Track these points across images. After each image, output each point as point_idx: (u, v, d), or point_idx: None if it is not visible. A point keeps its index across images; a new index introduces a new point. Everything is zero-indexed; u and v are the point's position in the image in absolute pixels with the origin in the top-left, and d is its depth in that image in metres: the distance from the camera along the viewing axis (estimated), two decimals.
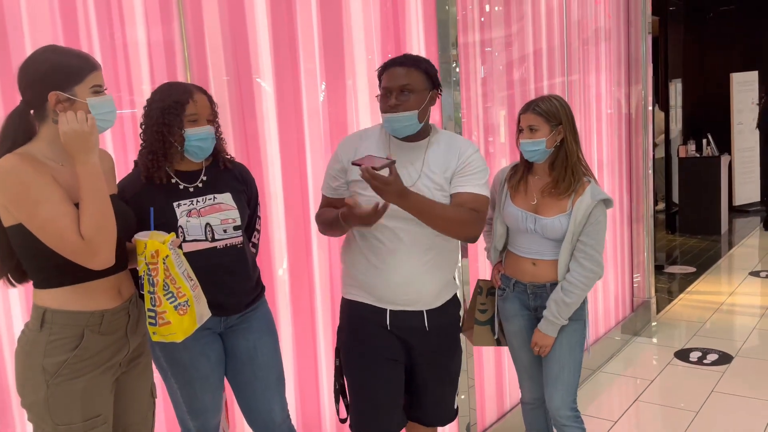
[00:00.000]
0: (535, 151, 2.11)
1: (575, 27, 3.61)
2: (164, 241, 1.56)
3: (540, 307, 2.18)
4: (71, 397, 1.51)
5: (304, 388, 2.58)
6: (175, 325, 1.58)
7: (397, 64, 1.79)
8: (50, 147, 1.52)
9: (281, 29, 2.36)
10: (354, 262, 1.92)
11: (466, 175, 1.83)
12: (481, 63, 2.83)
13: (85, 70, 1.50)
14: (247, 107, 2.37)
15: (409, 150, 1.86)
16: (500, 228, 2.25)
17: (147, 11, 2.24)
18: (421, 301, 1.89)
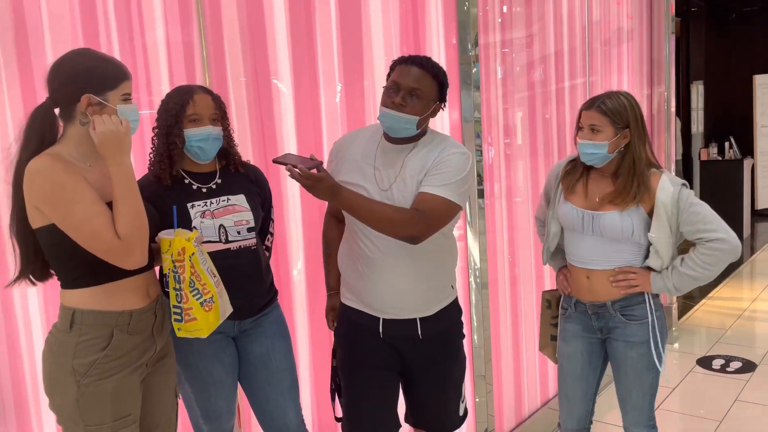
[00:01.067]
0: (593, 155, 1.91)
1: (596, 28, 3.56)
2: (189, 239, 1.58)
3: (605, 328, 2.01)
4: (101, 398, 1.51)
5: (319, 393, 2.56)
6: (201, 321, 1.61)
7: (415, 63, 1.71)
8: (77, 148, 1.54)
9: (300, 30, 2.35)
10: (345, 268, 1.89)
11: (432, 174, 1.70)
12: (500, 64, 2.80)
13: (119, 78, 1.55)
14: (265, 108, 2.36)
15: (394, 152, 1.78)
16: (554, 227, 2.06)
17: (166, 13, 2.24)
18: (410, 309, 1.81)
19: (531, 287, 3.06)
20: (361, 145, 1.83)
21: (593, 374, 2.11)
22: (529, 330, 3.03)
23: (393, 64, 1.77)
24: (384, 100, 1.72)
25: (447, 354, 1.91)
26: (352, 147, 1.84)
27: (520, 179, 2.97)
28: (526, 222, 2.98)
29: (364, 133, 1.89)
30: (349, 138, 1.90)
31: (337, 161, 1.83)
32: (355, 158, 1.81)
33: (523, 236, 2.97)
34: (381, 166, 1.77)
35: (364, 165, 1.79)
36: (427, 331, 1.84)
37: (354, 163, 1.80)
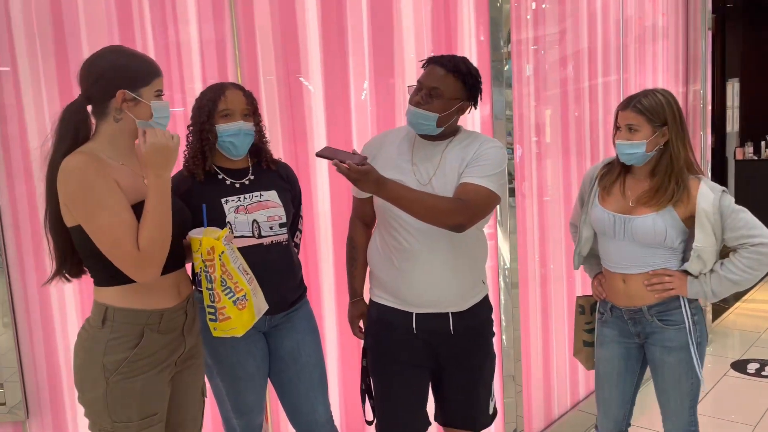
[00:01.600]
0: (632, 155, 1.88)
1: (630, 24, 3.50)
2: (218, 237, 1.57)
3: (642, 333, 1.97)
4: (129, 395, 1.52)
5: (347, 390, 2.56)
6: (235, 320, 1.60)
7: (438, 63, 1.76)
8: (111, 145, 1.55)
9: (331, 28, 2.35)
10: (377, 264, 1.89)
11: (472, 165, 1.75)
12: (532, 60, 2.76)
13: (152, 75, 1.55)
14: (296, 106, 2.36)
15: (431, 148, 1.82)
16: (586, 231, 2.03)
17: (200, 10, 2.26)
18: (445, 303, 1.83)
19: (562, 288, 3.02)
20: (395, 143, 1.86)
21: (630, 379, 2.07)
22: (560, 331, 2.99)
23: (423, 65, 1.82)
24: (410, 98, 1.79)
25: (478, 349, 1.91)
26: (384, 146, 1.86)
27: (552, 178, 2.93)
28: (557, 221, 2.94)
29: (395, 133, 1.91)
30: (379, 138, 1.93)
31: (371, 158, 1.83)
32: (390, 156, 1.83)
33: (554, 236, 2.93)
34: (419, 162, 1.80)
35: (400, 161, 1.81)
36: (459, 326, 1.84)
37: (389, 160, 1.82)
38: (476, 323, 1.90)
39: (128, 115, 1.53)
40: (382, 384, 1.92)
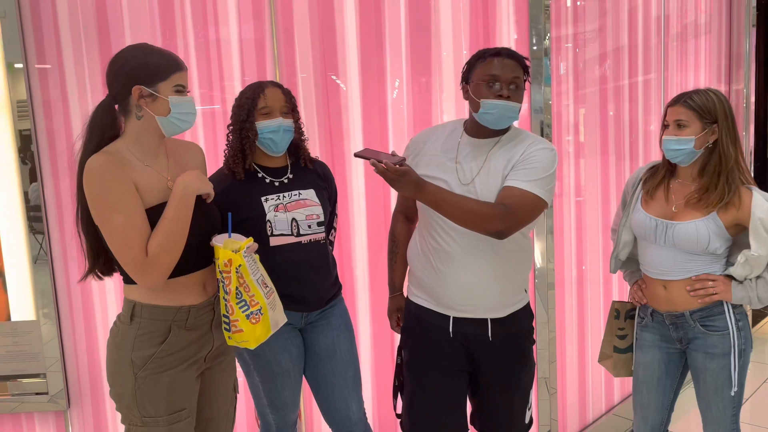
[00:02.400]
0: (679, 151, 1.82)
1: (670, 21, 3.42)
2: (239, 248, 1.53)
3: (684, 338, 1.93)
4: (157, 391, 1.53)
5: (380, 388, 2.56)
6: (247, 333, 1.57)
7: (508, 56, 1.70)
8: (137, 144, 1.55)
9: (369, 26, 2.35)
10: (416, 264, 1.86)
11: (519, 168, 1.67)
12: (568, 58, 2.72)
13: (170, 69, 1.52)
14: (333, 105, 2.37)
15: (477, 147, 1.76)
16: (625, 235, 1.99)
17: (240, 10, 2.28)
18: (483, 309, 1.78)
19: (598, 291, 2.97)
20: (440, 140, 1.81)
21: (670, 384, 2.03)
22: (595, 334, 2.94)
23: (478, 57, 1.74)
24: (482, 93, 1.68)
25: (516, 359, 1.86)
26: (430, 142, 1.82)
27: (589, 179, 2.88)
28: (594, 223, 2.90)
29: (442, 129, 1.87)
30: (426, 134, 1.89)
31: (414, 156, 1.82)
32: (434, 153, 1.79)
33: (591, 238, 2.89)
34: (462, 160, 1.75)
35: (444, 159, 1.77)
36: (498, 333, 1.80)
37: (433, 158, 1.78)
38: (515, 331, 1.84)
39: (148, 112, 1.52)
40: (415, 383, 1.89)
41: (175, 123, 1.54)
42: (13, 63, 2.29)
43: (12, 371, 2.45)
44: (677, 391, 2.07)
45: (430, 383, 1.85)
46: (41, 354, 2.44)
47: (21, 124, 2.33)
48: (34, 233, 2.40)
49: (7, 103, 2.33)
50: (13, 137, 2.34)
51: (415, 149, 1.83)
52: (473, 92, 1.71)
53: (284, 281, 1.80)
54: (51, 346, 2.44)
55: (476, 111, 1.71)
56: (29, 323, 2.44)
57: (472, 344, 1.81)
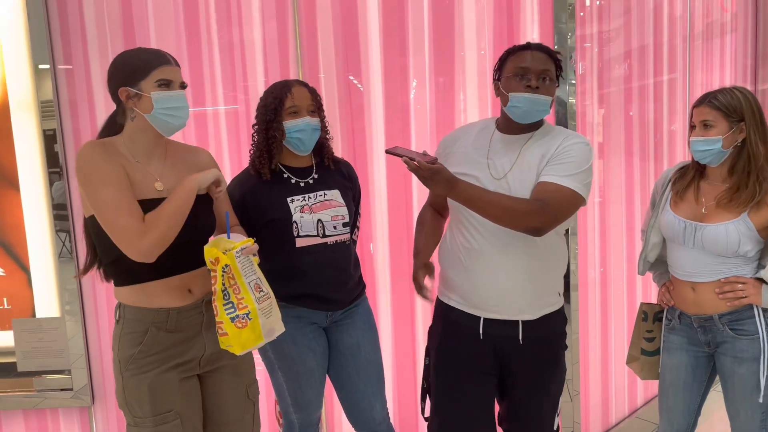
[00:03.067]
0: (707, 152, 1.80)
1: (694, 19, 3.37)
2: (232, 249, 1.47)
3: (712, 342, 1.89)
4: (140, 391, 1.54)
5: (402, 388, 2.56)
6: (232, 338, 1.47)
7: (538, 49, 1.68)
8: (132, 143, 1.55)
9: (392, 26, 2.35)
10: (446, 263, 1.83)
11: (554, 163, 1.63)
12: (589, 58, 2.69)
13: (150, 65, 1.49)
14: (356, 105, 2.37)
15: (509, 143, 1.73)
16: (654, 237, 1.96)
17: (264, 10, 2.29)
18: (514, 310, 1.74)
19: (622, 293, 2.94)
20: (471, 137, 1.79)
21: (697, 388, 1.99)
22: (619, 336, 2.91)
23: (506, 54, 1.72)
24: (512, 86, 1.66)
25: (546, 363, 1.82)
26: (461, 140, 1.80)
27: (613, 180, 2.85)
28: (618, 223, 2.87)
29: (474, 127, 1.85)
30: (458, 132, 1.87)
31: (445, 154, 1.79)
32: (465, 150, 1.77)
33: (615, 239, 2.86)
34: (494, 156, 1.71)
35: (475, 155, 1.74)
36: (528, 336, 1.76)
37: (464, 155, 1.76)
38: (546, 335, 1.79)
39: (138, 112, 1.51)
40: (444, 385, 1.87)
41: (161, 119, 1.51)
42: (39, 64, 2.32)
43: (37, 367, 2.49)
44: (704, 395, 2.04)
45: (459, 385, 1.82)
46: (66, 350, 2.47)
47: (46, 124, 2.36)
48: (59, 231, 2.43)
49: (33, 104, 2.36)
50: (38, 137, 2.38)
51: (445, 148, 1.82)
52: (503, 87, 1.69)
53: (310, 281, 1.80)
54: (75, 343, 2.47)
55: (505, 105, 1.69)
56: (54, 320, 2.47)
57: (502, 346, 1.78)
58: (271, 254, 1.81)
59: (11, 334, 2.48)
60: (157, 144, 1.58)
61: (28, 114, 2.37)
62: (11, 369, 2.50)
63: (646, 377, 2.14)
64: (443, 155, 1.80)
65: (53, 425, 2.60)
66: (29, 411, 2.58)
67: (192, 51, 2.31)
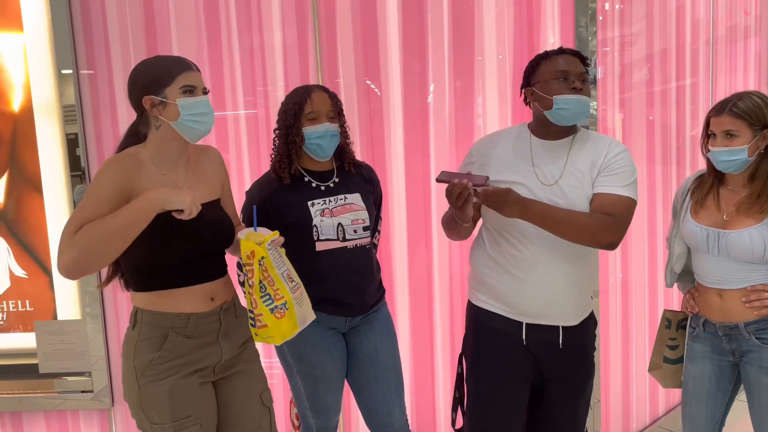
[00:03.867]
0: (732, 162, 1.77)
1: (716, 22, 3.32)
2: (263, 241, 1.49)
3: (737, 351, 1.86)
4: (159, 398, 1.51)
5: (420, 394, 2.55)
6: (272, 328, 1.51)
7: (572, 53, 1.72)
8: (159, 153, 1.53)
9: (411, 31, 2.35)
10: (486, 270, 1.80)
11: (610, 174, 1.68)
12: (618, 60, 2.67)
13: (174, 72, 1.48)
14: (374, 109, 2.37)
15: (553, 148, 1.73)
16: (678, 247, 1.96)
17: (284, 15, 2.30)
18: (558, 316, 1.75)
19: (644, 300, 2.90)
20: (509, 144, 1.78)
21: (721, 398, 1.96)
22: (640, 343, 2.87)
23: (536, 60, 1.74)
24: (555, 90, 1.67)
25: (582, 367, 1.83)
26: (498, 147, 1.79)
27: None
28: (639, 230, 2.83)
29: (507, 133, 1.84)
30: (491, 139, 1.85)
31: (483, 163, 1.77)
32: (506, 157, 1.75)
33: (637, 245, 2.82)
34: (540, 163, 1.71)
35: (518, 163, 1.73)
36: (568, 341, 1.77)
37: (506, 162, 1.74)
38: (583, 339, 1.82)
39: (163, 120, 1.49)
40: (481, 391, 1.84)
41: (188, 126, 1.50)
42: (62, 69, 2.36)
43: (58, 369, 2.51)
44: (729, 405, 2.00)
45: (498, 391, 1.81)
46: (86, 352, 2.49)
47: (68, 128, 2.39)
48: None
49: (56, 108, 2.39)
50: (61, 141, 2.41)
51: (482, 155, 1.79)
52: (543, 91, 1.68)
53: (329, 286, 1.80)
54: (96, 345, 2.49)
55: (549, 109, 1.68)
56: (75, 322, 2.49)
57: (543, 352, 1.77)
58: (291, 258, 1.81)
59: (33, 336, 2.51)
60: (183, 152, 1.57)
61: (51, 118, 2.41)
62: (33, 370, 2.53)
63: (668, 385, 2.10)
64: (479, 163, 1.78)
65: (73, 427, 2.62)
66: (50, 412, 2.60)
67: (213, 56, 2.33)
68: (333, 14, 2.31)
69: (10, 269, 2.51)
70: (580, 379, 1.83)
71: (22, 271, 2.51)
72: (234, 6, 2.31)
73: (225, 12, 2.30)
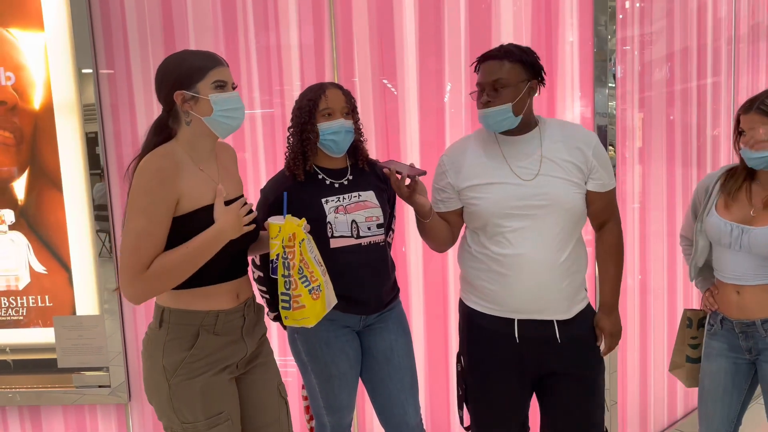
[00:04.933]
0: (762, 159, 1.76)
1: (740, 21, 3.27)
2: (299, 224, 1.55)
3: (754, 348, 1.85)
4: (191, 396, 1.51)
5: (434, 393, 2.54)
6: (309, 309, 1.57)
7: (490, 57, 1.70)
8: (192, 148, 1.52)
9: (428, 29, 2.34)
10: (474, 272, 1.81)
11: (599, 170, 1.74)
12: (638, 59, 2.64)
13: (206, 67, 1.48)
14: (390, 107, 2.37)
15: (522, 144, 1.74)
16: (702, 240, 1.94)
17: (300, 14, 2.31)
18: (551, 310, 1.74)
19: (662, 300, 2.86)
20: (479, 147, 1.79)
21: (737, 396, 1.93)
22: (658, 345, 2.83)
23: (474, 69, 1.76)
24: (477, 104, 1.72)
25: (588, 360, 1.81)
26: (469, 152, 1.79)
27: (653, 185, 2.78)
28: (658, 230, 2.80)
29: (474, 138, 1.83)
30: (461, 145, 1.85)
31: (457, 170, 1.78)
32: (479, 160, 1.76)
33: (655, 246, 2.79)
34: (514, 159, 1.72)
35: (492, 163, 1.74)
36: (565, 335, 1.76)
37: (480, 166, 1.75)
38: (583, 332, 1.80)
39: (195, 115, 1.49)
40: (479, 391, 1.85)
41: (220, 121, 1.50)
42: (82, 68, 2.39)
43: (77, 364, 2.55)
44: (745, 404, 1.97)
45: (493, 391, 1.81)
46: (104, 348, 2.52)
47: (88, 127, 2.42)
48: (99, 231, 2.49)
49: (76, 107, 2.43)
50: (81, 139, 2.44)
51: (454, 162, 1.80)
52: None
53: (344, 283, 1.80)
54: (113, 341, 2.52)
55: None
56: (93, 317, 2.53)
57: (540, 348, 1.77)
58: None
59: (52, 330, 2.54)
60: (213, 148, 1.58)
61: (71, 117, 2.44)
62: (52, 365, 2.56)
63: (691, 385, 2.08)
64: (452, 171, 1.79)
65: (91, 421, 2.66)
66: (68, 407, 2.64)
67: (230, 55, 2.34)
68: (349, 13, 2.31)
69: (30, 265, 2.55)
70: (589, 375, 1.81)
71: (42, 267, 2.55)
72: (251, 5, 2.32)
73: (242, 11, 2.32)
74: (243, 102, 1.56)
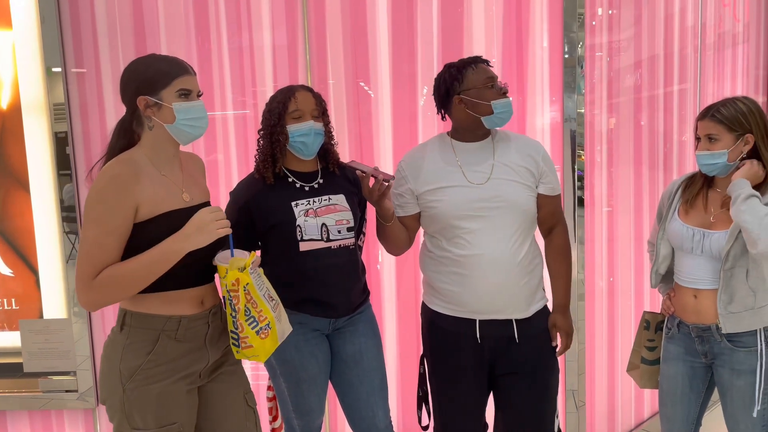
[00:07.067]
0: (713, 165, 1.81)
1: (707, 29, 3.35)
2: (245, 266, 1.50)
3: (710, 353, 1.88)
4: (145, 403, 1.49)
5: (405, 396, 2.55)
6: (257, 348, 1.54)
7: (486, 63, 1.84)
8: (154, 153, 1.51)
9: (401, 33, 2.36)
10: (434, 273, 1.86)
11: (548, 176, 1.86)
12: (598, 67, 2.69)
13: (171, 75, 1.47)
14: (364, 111, 2.38)
15: (477, 150, 1.84)
16: (664, 249, 1.96)
17: (273, 16, 2.31)
18: (510, 309, 1.81)
19: (630, 303, 2.92)
20: (436, 153, 1.86)
21: (695, 398, 1.98)
22: (626, 347, 2.88)
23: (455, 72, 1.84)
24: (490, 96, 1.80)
25: (543, 360, 1.88)
26: (427, 158, 1.87)
27: (621, 189, 2.84)
28: (626, 233, 2.85)
29: (431, 144, 1.91)
30: (419, 151, 1.92)
31: (413, 174, 1.85)
32: (436, 166, 1.84)
33: (623, 248, 2.84)
34: (467, 165, 1.82)
35: (447, 168, 1.83)
36: (523, 334, 1.82)
37: (436, 170, 1.83)
38: (540, 332, 1.87)
39: (157, 121, 1.48)
40: (442, 391, 1.90)
41: (183, 130, 1.49)
42: (51, 67, 2.35)
43: (44, 368, 2.50)
44: (704, 405, 2.02)
45: (457, 390, 1.86)
46: (72, 352, 2.48)
47: (57, 127, 2.38)
48: (68, 233, 2.45)
49: (45, 106, 2.39)
50: (49, 139, 2.40)
51: (413, 168, 1.86)
52: (477, 98, 1.78)
53: (313, 286, 1.80)
54: (81, 345, 2.48)
55: (487, 114, 1.79)
56: (61, 321, 2.49)
57: (499, 347, 1.83)
58: (275, 259, 1.83)
59: (18, 334, 2.49)
60: (176, 153, 1.56)
61: (39, 116, 2.40)
62: (17, 369, 2.51)
63: (645, 386, 2.13)
64: (411, 177, 1.86)
65: (58, 426, 2.61)
66: (34, 412, 2.59)
67: (202, 56, 2.33)
68: (323, 15, 2.31)
69: None
70: (542, 373, 1.87)
71: (9, 270, 2.50)
72: (223, 6, 2.31)
73: (214, 11, 2.31)
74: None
